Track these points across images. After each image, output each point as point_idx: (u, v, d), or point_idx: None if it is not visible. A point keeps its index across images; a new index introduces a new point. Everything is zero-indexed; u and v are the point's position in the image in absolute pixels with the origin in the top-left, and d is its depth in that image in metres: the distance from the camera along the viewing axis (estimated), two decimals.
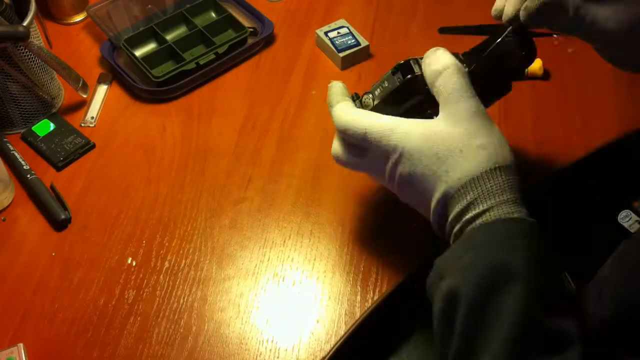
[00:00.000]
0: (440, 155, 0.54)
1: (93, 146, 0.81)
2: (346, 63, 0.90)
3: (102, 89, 0.88)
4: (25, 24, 0.75)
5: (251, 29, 0.93)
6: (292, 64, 0.91)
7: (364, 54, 0.91)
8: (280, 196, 0.76)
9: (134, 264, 0.70)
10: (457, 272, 0.50)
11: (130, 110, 0.86)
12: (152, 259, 0.71)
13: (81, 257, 0.71)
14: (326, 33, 0.92)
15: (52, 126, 0.82)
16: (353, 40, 0.90)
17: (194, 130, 0.83)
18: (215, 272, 0.70)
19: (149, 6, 0.96)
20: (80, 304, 0.67)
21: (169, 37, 0.92)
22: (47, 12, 0.97)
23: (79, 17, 0.98)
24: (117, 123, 0.84)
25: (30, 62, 0.78)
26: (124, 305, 0.67)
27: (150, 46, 0.92)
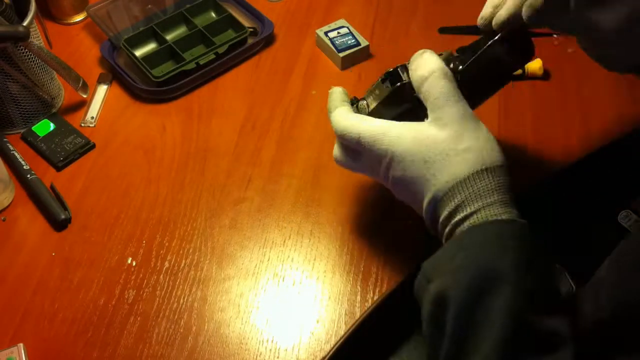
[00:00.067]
0: (428, 159, 0.55)
1: (93, 146, 0.81)
2: (346, 63, 0.90)
3: (102, 89, 0.88)
4: (25, 24, 0.75)
5: (251, 29, 0.93)
6: (292, 64, 0.91)
7: (364, 54, 0.91)
8: (280, 196, 0.76)
9: (134, 264, 0.70)
10: (445, 275, 0.50)
11: (130, 110, 0.86)
12: (152, 259, 0.71)
13: (81, 257, 0.71)
14: (326, 33, 0.92)
15: (52, 126, 0.82)
16: (353, 40, 0.90)
17: (194, 130, 0.83)
18: (215, 272, 0.70)
19: (149, 6, 0.96)
20: (80, 304, 0.67)
21: (169, 37, 0.92)
22: (47, 12, 0.97)
23: (79, 17, 0.98)
24: (117, 123, 0.84)
25: (30, 62, 0.78)
26: (124, 305, 0.67)
27: (150, 46, 0.92)
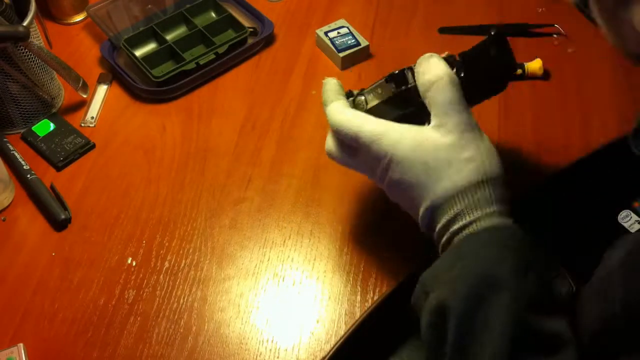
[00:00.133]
0: (428, 166, 0.54)
1: (93, 146, 0.81)
2: (346, 63, 0.90)
3: (102, 89, 0.88)
4: (25, 24, 0.75)
5: (251, 29, 0.93)
6: (292, 64, 0.91)
7: (364, 54, 0.91)
8: (280, 196, 0.76)
9: (134, 264, 0.70)
10: (444, 285, 0.51)
11: (130, 110, 0.86)
12: (152, 259, 0.71)
13: (81, 257, 0.71)
14: (326, 33, 0.92)
15: (52, 126, 0.82)
16: (353, 40, 0.90)
17: (194, 130, 0.83)
18: (215, 272, 0.70)
19: (149, 6, 0.96)
20: (80, 304, 0.67)
21: (169, 37, 0.92)
22: (47, 12, 0.97)
23: (79, 17, 0.98)
24: (117, 123, 0.84)
25: (30, 62, 0.78)
26: (124, 305, 0.67)
27: (150, 46, 0.92)
